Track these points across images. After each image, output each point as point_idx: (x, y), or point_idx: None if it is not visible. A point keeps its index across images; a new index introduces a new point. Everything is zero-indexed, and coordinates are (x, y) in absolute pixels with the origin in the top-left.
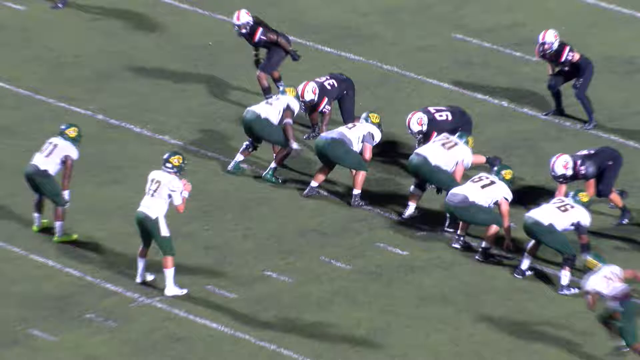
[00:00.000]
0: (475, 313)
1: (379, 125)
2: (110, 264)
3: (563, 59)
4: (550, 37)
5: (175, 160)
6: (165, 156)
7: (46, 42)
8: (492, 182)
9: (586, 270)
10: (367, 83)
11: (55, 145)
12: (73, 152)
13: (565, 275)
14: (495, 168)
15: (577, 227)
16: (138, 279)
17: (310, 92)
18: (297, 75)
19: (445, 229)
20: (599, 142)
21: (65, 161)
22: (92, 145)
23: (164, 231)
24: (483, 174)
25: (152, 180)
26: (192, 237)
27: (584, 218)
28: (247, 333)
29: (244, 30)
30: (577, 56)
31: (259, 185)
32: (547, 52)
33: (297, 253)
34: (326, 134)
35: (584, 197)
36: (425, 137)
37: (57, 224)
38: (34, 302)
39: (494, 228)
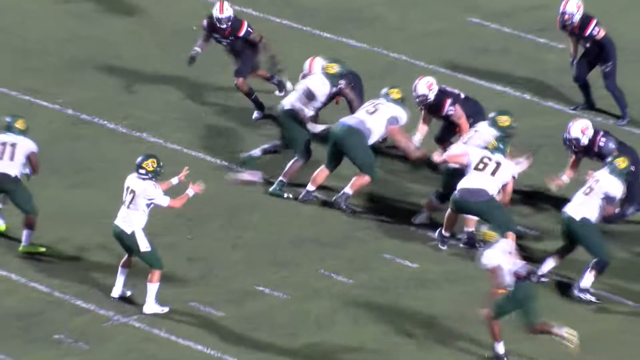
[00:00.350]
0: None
1: (402, 102)
2: (82, 278)
3: (587, 32)
4: (572, 7)
5: (149, 164)
6: (138, 161)
7: (8, 27)
8: (499, 164)
9: (482, 242)
10: (372, 73)
11: (14, 145)
12: (33, 146)
13: (588, 278)
14: None
15: (606, 198)
16: (114, 293)
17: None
18: (293, 63)
19: (417, 222)
20: (633, 140)
21: (29, 158)
22: (60, 143)
23: (144, 245)
24: (483, 155)
25: (127, 189)
26: (174, 248)
27: (613, 188)
28: (236, 356)
29: (224, 25)
30: (602, 33)
31: (249, 188)
32: (567, 23)
33: (292, 265)
34: (345, 120)
35: (622, 163)
36: (432, 110)
37: (26, 233)
38: None
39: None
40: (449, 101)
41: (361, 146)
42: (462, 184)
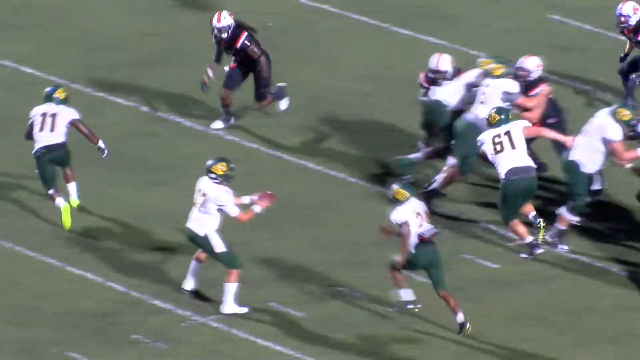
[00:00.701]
0: (576, 335)
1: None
2: (159, 278)
3: (639, 37)
4: (628, 9)
5: (219, 168)
6: (208, 164)
7: (81, 24)
8: (508, 132)
9: (393, 200)
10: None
11: (54, 115)
12: (75, 114)
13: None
14: None
15: (605, 142)
16: (186, 286)
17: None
18: (372, 60)
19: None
20: None
21: (75, 126)
22: (134, 141)
23: (218, 247)
24: (494, 134)
25: (199, 191)
26: (252, 248)
27: (613, 133)
28: (315, 356)
29: (224, 35)
30: None
31: (327, 189)
32: (623, 25)
33: (371, 266)
34: (467, 115)
35: (624, 115)
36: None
37: (73, 185)
38: (71, 321)
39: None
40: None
41: (471, 142)
42: (511, 165)
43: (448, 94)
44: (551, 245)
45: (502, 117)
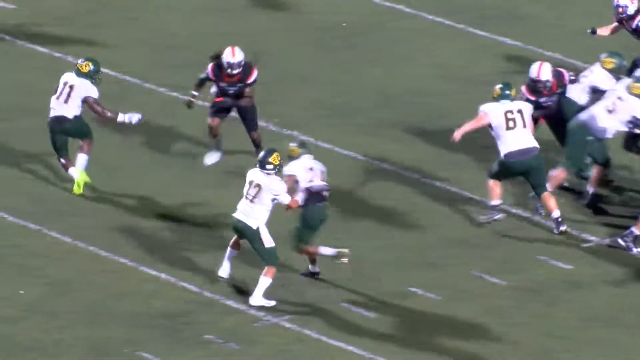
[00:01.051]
0: None
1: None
2: (231, 278)
3: (633, 25)
4: (626, 0)
5: (276, 158)
6: (263, 155)
7: (155, 23)
8: (521, 110)
9: (288, 158)
10: (525, 70)
11: (72, 87)
12: (92, 91)
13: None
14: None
15: (634, 123)
16: (223, 274)
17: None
18: (446, 60)
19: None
20: None
21: (88, 103)
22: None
23: (268, 242)
24: (506, 109)
25: (251, 183)
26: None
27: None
28: (387, 356)
29: (236, 71)
30: None
31: (401, 189)
32: (622, 16)
33: (442, 266)
34: (582, 115)
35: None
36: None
37: (83, 157)
38: (143, 321)
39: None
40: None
41: (577, 142)
42: (510, 148)
43: (578, 93)
44: (626, 249)
45: (507, 92)
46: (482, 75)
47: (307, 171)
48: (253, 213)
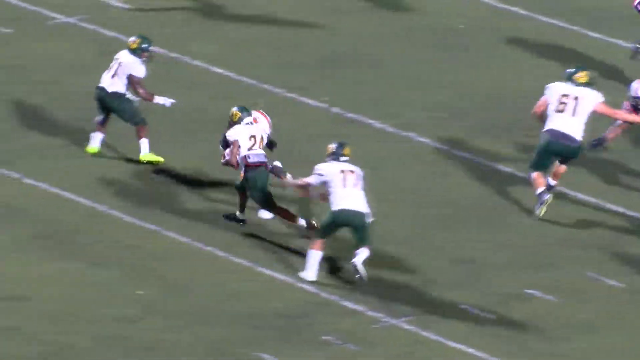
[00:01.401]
0: None
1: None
2: (349, 279)
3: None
4: None
5: (349, 150)
6: (336, 147)
7: (266, 22)
8: (577, 98)
9: (230, 122)
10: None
11: (120, 64)
12: (137, 70)
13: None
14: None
15: None
16: (311, 277)
17: None
18: (557, 62)
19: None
20: None
21: (131, 80)
22: (325, 142)
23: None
24: (562, 92)
25: (347, 172)
26: (439, 250)
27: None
28: (506, 358)
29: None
30: None
31: (516, 190)
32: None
33: (559, 268)
34: None
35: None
36: None
37: (141, 142)
38: (260, 321)
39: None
40: None
41: None
42: (553, 127)
43: None
44: None
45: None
46: (595, 77)
47: (250, 138)
48: (363, 200)
